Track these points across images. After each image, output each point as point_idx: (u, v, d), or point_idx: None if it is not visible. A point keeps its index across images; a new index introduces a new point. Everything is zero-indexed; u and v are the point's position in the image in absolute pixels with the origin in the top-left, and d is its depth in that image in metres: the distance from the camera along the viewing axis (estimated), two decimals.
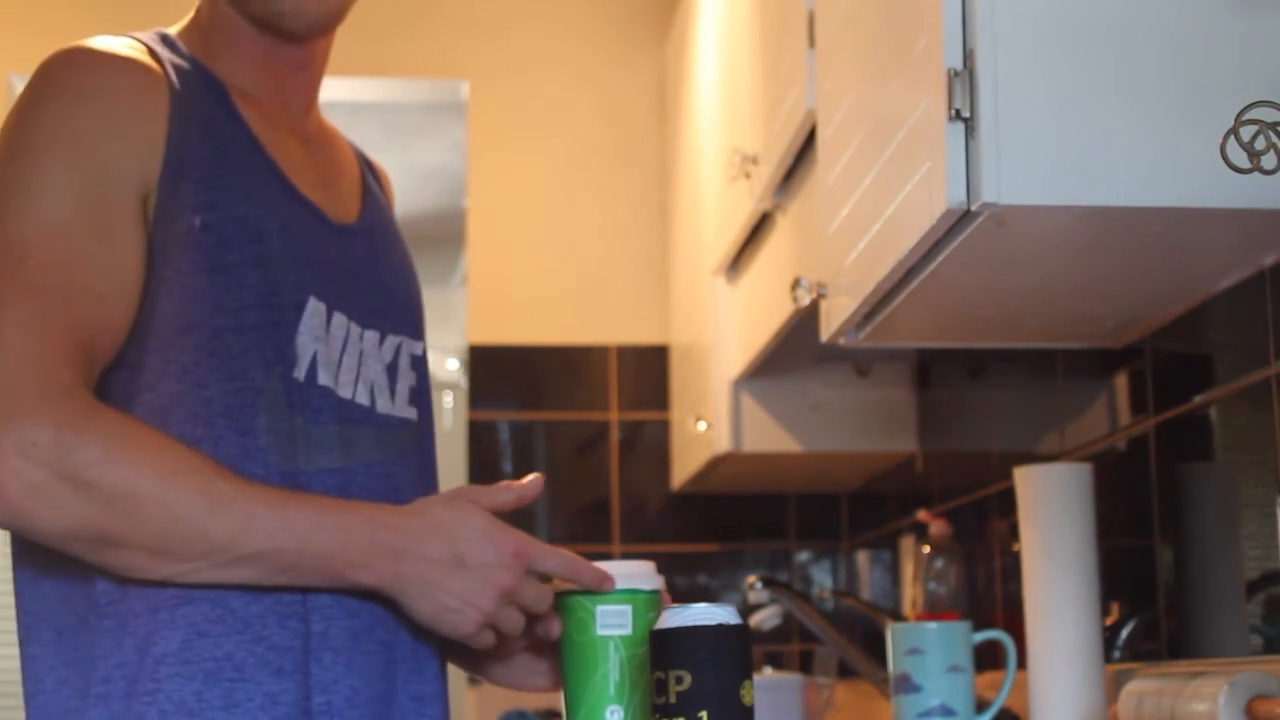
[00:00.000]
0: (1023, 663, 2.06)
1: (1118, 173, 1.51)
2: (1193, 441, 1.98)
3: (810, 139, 2.30)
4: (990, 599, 2.61)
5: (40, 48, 1.53)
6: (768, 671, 3.35)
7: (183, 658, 1.42)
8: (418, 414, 1.62)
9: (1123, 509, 2.14)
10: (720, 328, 3.10)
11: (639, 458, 3.83)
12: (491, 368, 3.85)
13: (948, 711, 2.01)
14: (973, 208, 1.52)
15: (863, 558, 3.62)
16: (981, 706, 2.06)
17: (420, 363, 1.65)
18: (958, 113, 1.52)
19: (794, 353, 2.76)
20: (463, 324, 3.90)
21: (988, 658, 2.17)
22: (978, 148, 1.51)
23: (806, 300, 2.13)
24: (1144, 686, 1.62)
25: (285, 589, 1.44)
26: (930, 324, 2.02)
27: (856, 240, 1.88)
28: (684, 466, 3.53)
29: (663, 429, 3.82)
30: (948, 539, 2.60)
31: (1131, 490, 2.10)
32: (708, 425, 3.16)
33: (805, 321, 2.41)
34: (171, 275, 1.45)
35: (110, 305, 1.43)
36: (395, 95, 4.18)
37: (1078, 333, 2.08)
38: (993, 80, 1.51)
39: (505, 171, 3.92)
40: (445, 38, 3.97)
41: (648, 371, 3.86)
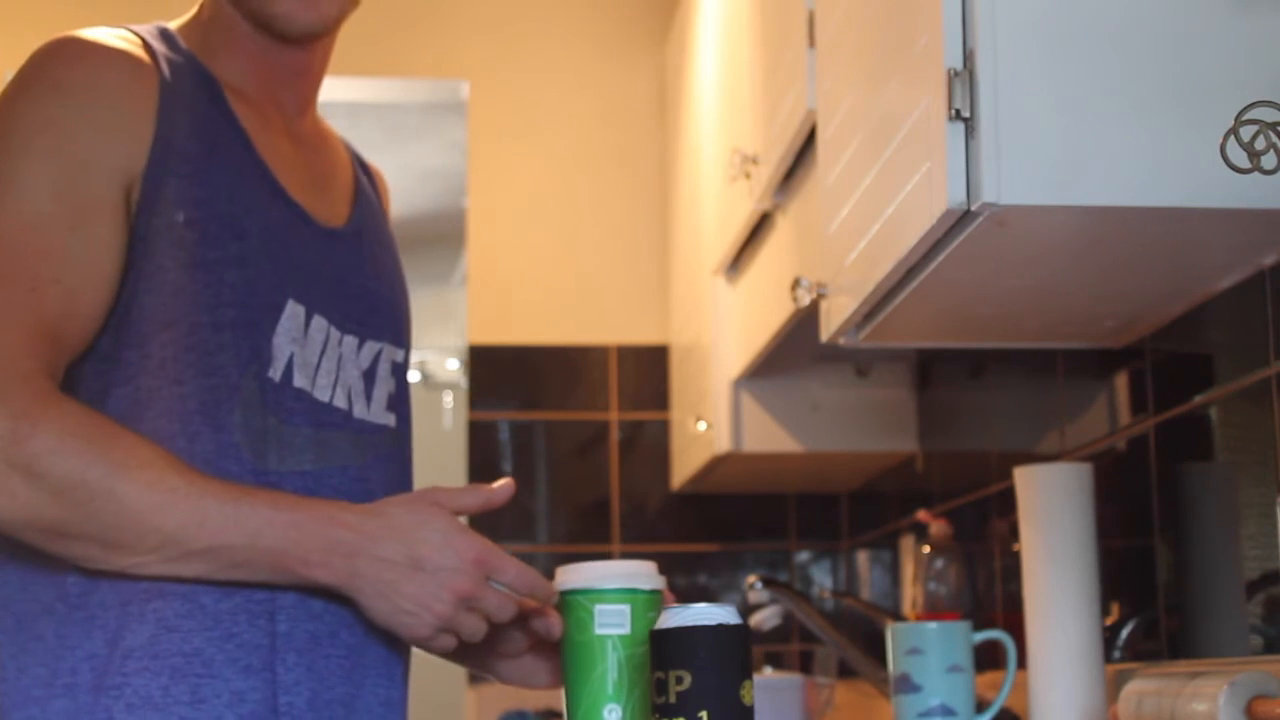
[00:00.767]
0: (1023, 663, 2.05)
1: (1118, 173, 1.51)
2: (1193, 441, 1.98)
3: (810, 139, 2.30)
4: (990, 599, 2.61)
5: (37, 45, 1.52)
6: (768, 671, 3.34)
7: (151, 652, 1.42)
8: (396, 421, 1.61)
9: (1123, 509, 2.14)
10: (720, 328, 3.09)
11: (639, 458, 3.83)
12: (491, 368, 3.85)
13: (948, 711, 2.00)
14: (973, 208, 1.52)
15: (863, 558, 3.62)
16: (981, 706, 2.06)
17: (400, 370, 1.64)
18: (958, 113, 1.52)
19: (794, 353, 2.76)
20: (462, 324, 3.90)
21: (988, 658, 2.17)
22: (978, 148, 1.51)
23: (806, 300, 2.13)
24: (1144, 686, 1.62)
25: (255, 587, 1.43)
26: (930, 324, 2.02)
27: (856, 240, 1.88)
28: (684, 466, 3.53)
29: (663, 429, 3.82)
30: (948, 539, 2.60)
31: (1131, 490, 2.10)
32: (708, 425, 3.16)
33: (805, 321, 2.41)
34: (152, 269, 1.45)
35: (81, 297, 1.43)
36: (395, 95, 4.17)
37: (1078, 333, 2.08)
38: (993, 80, 1.51)
39: (505, 172, 3.92)
40: (445, 38, 3.96)
41: (648, 371, 3.85)
